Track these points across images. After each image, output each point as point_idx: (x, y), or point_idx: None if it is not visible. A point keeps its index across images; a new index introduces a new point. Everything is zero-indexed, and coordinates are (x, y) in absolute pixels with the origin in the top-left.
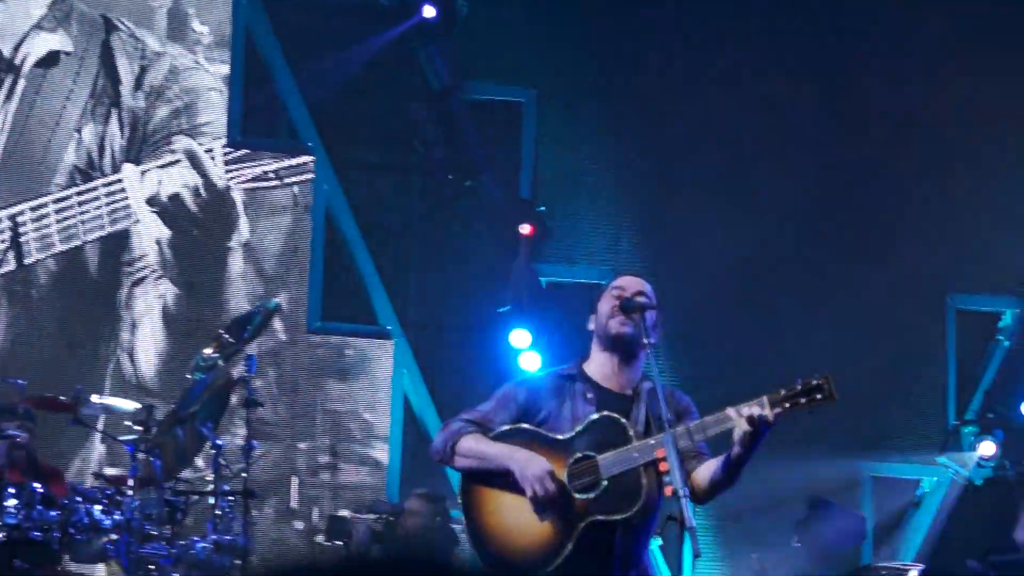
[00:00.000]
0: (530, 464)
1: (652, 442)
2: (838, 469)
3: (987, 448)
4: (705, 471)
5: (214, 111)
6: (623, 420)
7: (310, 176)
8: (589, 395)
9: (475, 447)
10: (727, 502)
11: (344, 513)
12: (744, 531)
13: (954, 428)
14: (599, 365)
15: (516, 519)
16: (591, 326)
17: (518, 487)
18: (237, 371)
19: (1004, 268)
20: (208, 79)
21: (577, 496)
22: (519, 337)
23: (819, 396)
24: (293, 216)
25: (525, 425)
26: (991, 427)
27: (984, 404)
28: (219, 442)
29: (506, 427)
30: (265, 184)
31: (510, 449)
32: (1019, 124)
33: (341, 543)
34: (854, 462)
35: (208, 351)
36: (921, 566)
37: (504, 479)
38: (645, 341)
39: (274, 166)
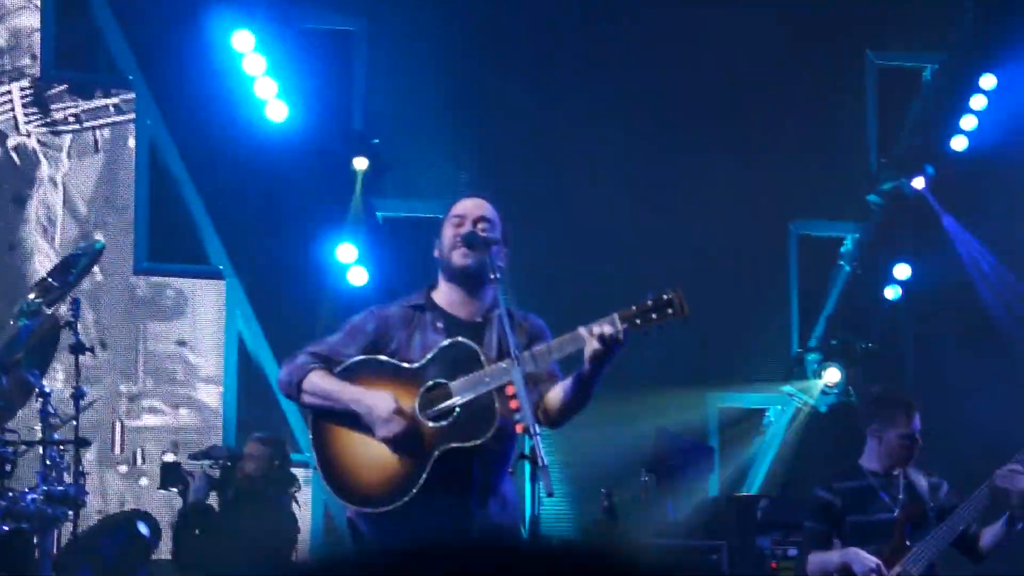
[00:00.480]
0: (376, 406)
1: (503, 366)
2: (684, 400)
3: (832, 375)
4: (557, 393)
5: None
6: (474, 345)
7: (126, 117)
8: (439, 324)
9: (321, 385)
10: (574, 438)
11: (176, 459)
12: (593, 467)
13: (798, 356)
14: (446, 294)
15: (368, 453)
16: (436, 253)
17: (367, 422)
18: (62, 315)
19: (845, 193)
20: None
21: (430, 424)
22: (345, 252)
23: (670, 311)
24: (110, 155)
25: (375, 356)
26: (834, 354)
27: (827, 331)
28: (47, 389)
29: (356, 359)
30: (73, 127)
31: (355, 391)
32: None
33: (176, 490)
34: (700, 392)
35: (32, 296)
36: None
37: (353, 415)
38: (492, 276)
39: (83, 107)
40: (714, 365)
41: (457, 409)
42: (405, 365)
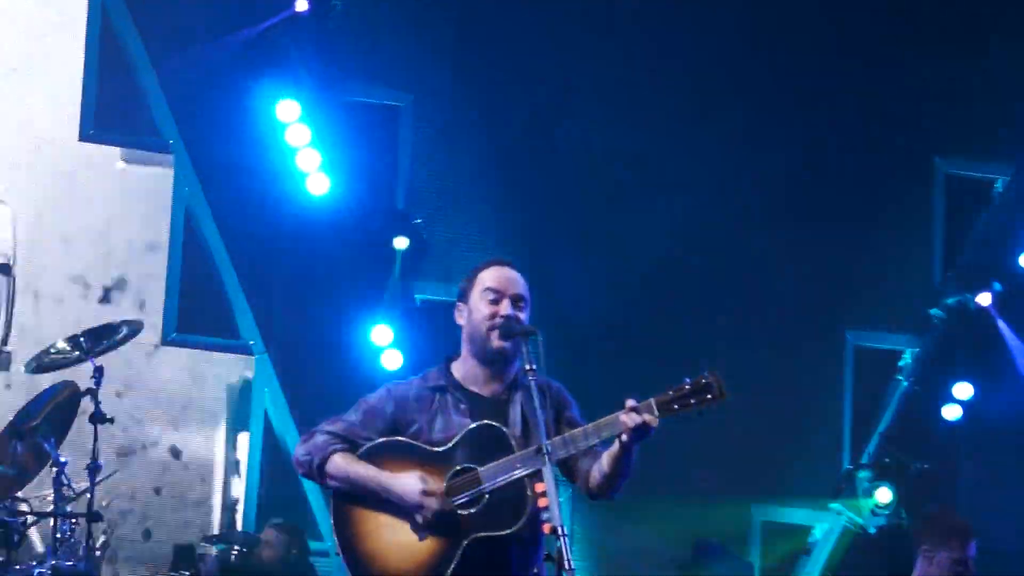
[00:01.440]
0: (407, 490)
1: (534, 451)
2: (727, 512)
3: (883, 495)
4: (596, 470)
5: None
6: (503, 429)
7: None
8: (462, 405)
9: (346, 468)
10: (607, 543)
11: (191, 542)
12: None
13: (848, 473)
14: (470, 371)
15: (395, 539)
16: (461, 322)
17: (394, 506)
18: (83, 383)
19: (906, 305)
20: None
21: (459, 512)
22: (380, 334)
23: (708, 396)
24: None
25: (399, 438)
26: (887, 473)
27: (880, 448)
28: (62, 459)
29: (379, 441)
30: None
31: (380, 475)
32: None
33: (188, 574)
34: (744, 505)
35: (60, 345)
36: None
37: (379, 498)
38: (527, 368)
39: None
40: (760, 475)
41: (487, 496)
42: (430, 448)
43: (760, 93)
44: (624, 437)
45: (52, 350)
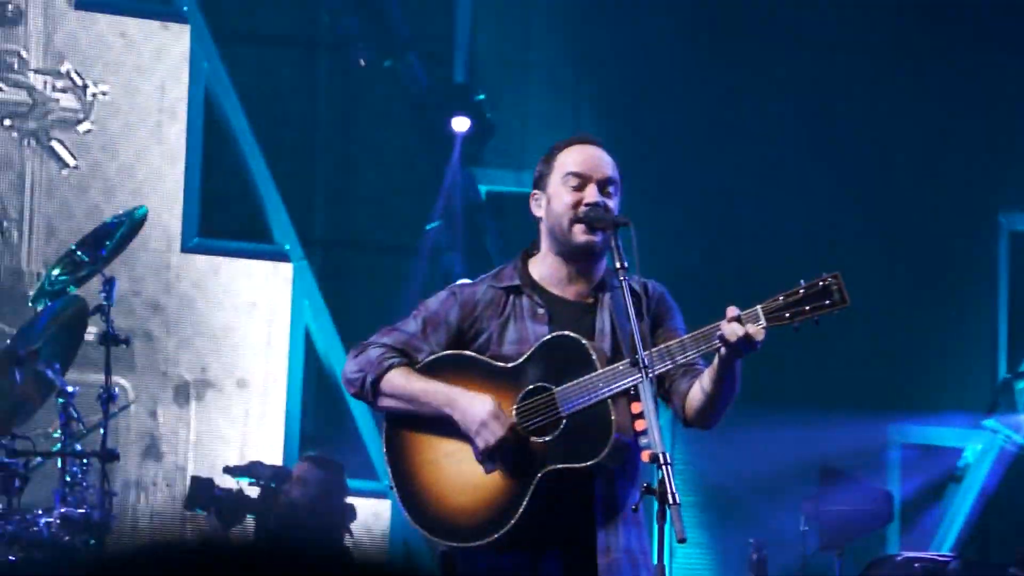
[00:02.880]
0: (474, 405)
1: (622, 368)
2: (859, 433)
3: None
4: (697, 391)
5: None
6: (583, 341)
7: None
8: (540, 310)
9: (404, 385)
10: (718, 474)
11: (209, 475)
12: (740, 510)
13: (1006, 382)
14: (551, 269)
15: (457, 471)
16: (538, 211)
17: (458, 432)
18: (92, 298)
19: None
20: None
21: (533, 439)
22: (439, 234)
23: (827, 302)
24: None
25: (464, 352)
26: None
27: None
28: (69, 388)
29: (441, 354)
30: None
31: (447, 389)
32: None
33: (204, 513)
34: (878, 423)
35: (56, 271)
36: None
37: (440, 422)
38: (618, 266)
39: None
40: (898, 389)
41: (564, 421)
42: (499, 364)
43: (822, 152)
44: (723, 351)
45: (51, 279)
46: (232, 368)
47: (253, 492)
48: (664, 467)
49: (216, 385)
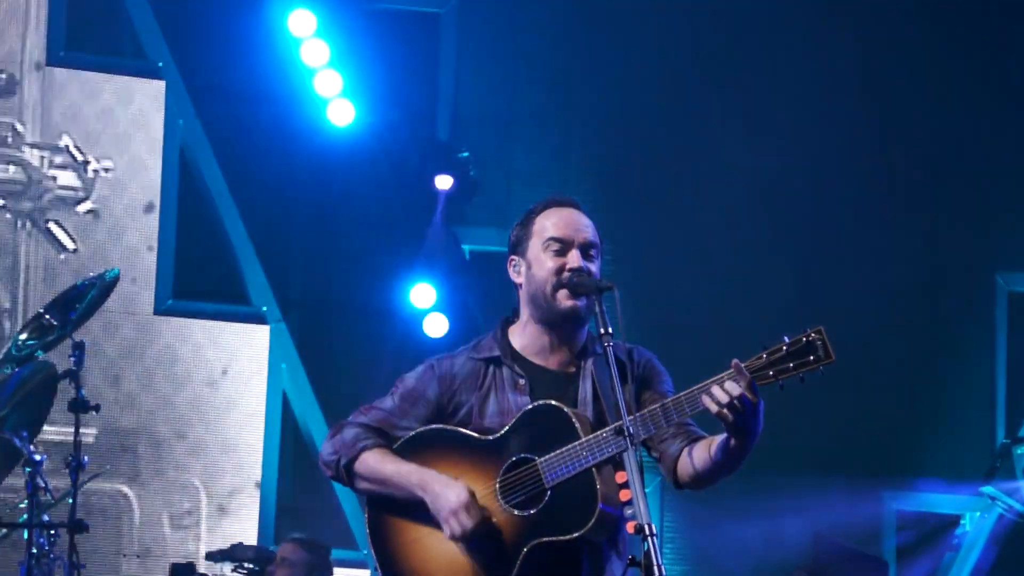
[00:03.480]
0: (446, 493)
1: (605, 435)
2: (852, 497)
3: None
4: (702, 453)
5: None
6: (565, 409)
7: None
8: (521, 381)
9: (377, 468)
10: (707, 544)
11: (191, 560)
12: None
13: (1004, 447)
14: (532, 338)
15: (443, 549)
16: (517, 278)
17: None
18: (61, 363)
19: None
20: None
21: (516, 513)
22: (422, 295)
23: (812, 358)
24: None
25: (442, 426)
26: None
27: None
28: (37, 457)
29: (420, 430)
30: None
31: (420, 472)
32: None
33: None
34: (873, 488)
35: (24, 336)
36: None
37: (419, 501)
38: (602, 331)
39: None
40: (893, 453)
41: (549, 492)
42: (481, 437)
43: (815, 209)
44: (721, 415)
45: (18, 343)
46: (210, 433)
47: None
48: (649, 538)
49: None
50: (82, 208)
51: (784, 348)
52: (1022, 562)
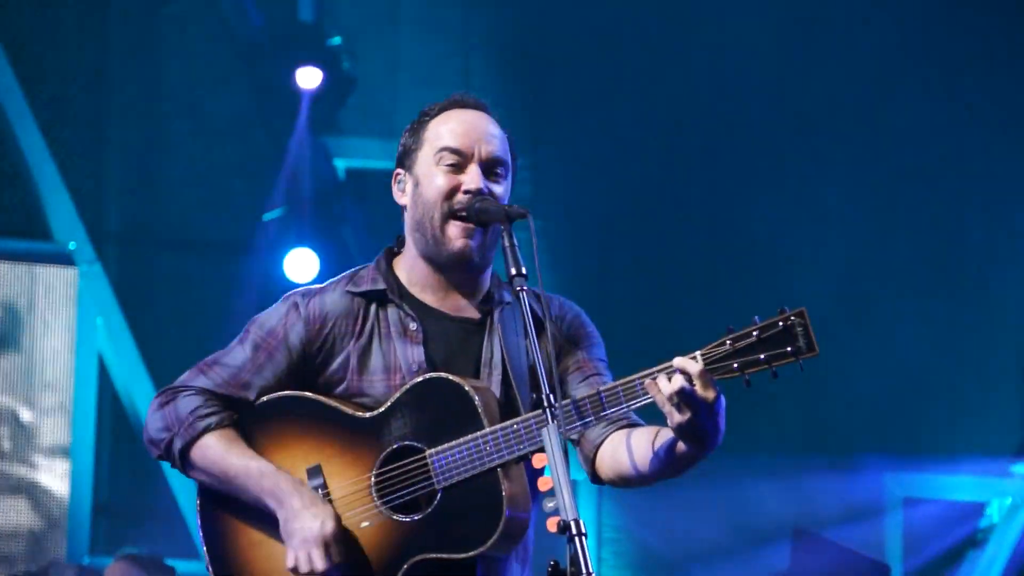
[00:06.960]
0: (302, 518)
1: (516, 427)
2: (845, 484)
3: None
4: (642, 443)
5: None
6: (467, 387)
7: None
8: (412, 325)
9: (220, 460)
10: (661, 544)
11: None
12: None
13: None
14: (422, 274)
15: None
16: (401, 199)
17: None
18: None
19: None
20: None
21: (395, 518)
22: (299, 261)
23: (788, 349)
24: None
25: (307, 394)
26: None
27: None
28: None
29: (273, 396)
30: None
31: (276, 477)
32: None
33: None
34: (873, 473)
35: None
36: None
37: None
38: (512, 273)
39: None
40: (898, 429)
41: (439, 495)
42: (355, 414)
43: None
44: (669, 412)
45: None
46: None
47: None
48: (577, 539)
49: None
50: None
51: (754, 334)
52: None
